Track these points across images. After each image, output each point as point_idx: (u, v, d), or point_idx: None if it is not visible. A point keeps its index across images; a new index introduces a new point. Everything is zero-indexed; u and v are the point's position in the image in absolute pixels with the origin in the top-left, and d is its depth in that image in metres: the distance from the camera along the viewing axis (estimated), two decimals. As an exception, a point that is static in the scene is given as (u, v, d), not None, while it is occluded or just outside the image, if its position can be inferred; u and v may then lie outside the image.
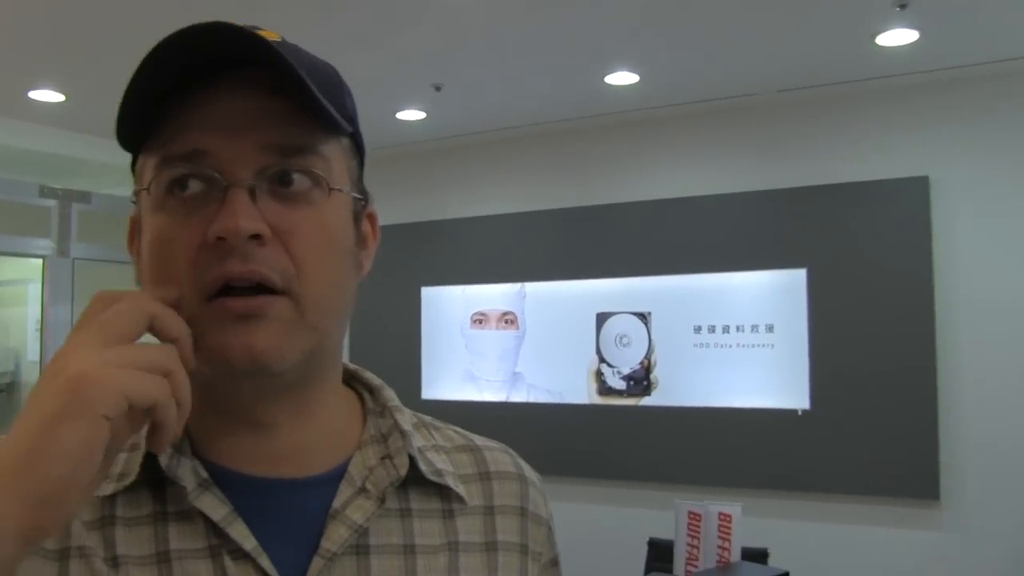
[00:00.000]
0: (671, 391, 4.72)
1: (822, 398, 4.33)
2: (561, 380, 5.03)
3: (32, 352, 6.92)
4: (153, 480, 0.68)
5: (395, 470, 0.74)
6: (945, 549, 4.10)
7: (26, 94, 4.30)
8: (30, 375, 6.53)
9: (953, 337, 4.13)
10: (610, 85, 4.27)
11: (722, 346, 4.59)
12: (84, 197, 5.45)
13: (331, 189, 0.69)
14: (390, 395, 0.80)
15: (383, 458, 0.75)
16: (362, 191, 0.75)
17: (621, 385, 4.86)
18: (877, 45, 3.73)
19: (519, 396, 5.16)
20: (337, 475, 0.73)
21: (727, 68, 4.11)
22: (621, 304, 4.88)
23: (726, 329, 4.58)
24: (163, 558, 0.67)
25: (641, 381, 4.80)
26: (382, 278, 5.60)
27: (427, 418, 0.85)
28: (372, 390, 0.81)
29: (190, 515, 0.68)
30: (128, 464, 0.69)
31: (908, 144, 4.27)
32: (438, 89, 4.32)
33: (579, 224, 5.02)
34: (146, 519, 0.68)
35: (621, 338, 4.87)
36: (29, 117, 4.64)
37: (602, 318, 4.93)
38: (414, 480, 0.75)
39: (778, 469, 4.41)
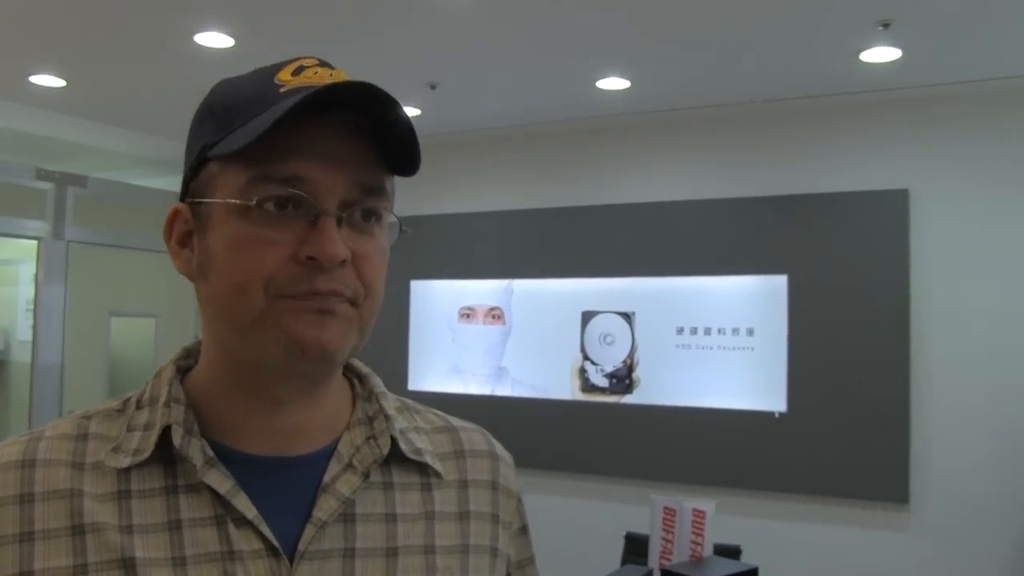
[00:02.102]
0: (652, 390, 4.82)
1: (799, 401, 4.45)
2: (545, 376, 5.13)
3: (23, 332, 6.94)
4: (165, 457, 0.78)
5: (378, 449, 0.84)
6: (913, 551, 4.23)
7: (27, 78, 4.36)
8: (19, 354, 6.56)
9: (927, 346, 4.25)
10: (601, 90, 4.36)
11: (703, 348, 4.70)
12: (80, 181, 5.50)
13: (390, 223, 0.81)
14: (377, 382, 0.90)
15: (368, 438, 0.85)
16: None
17: (604, 383, 4.97)
18: (861, 61, 3.84)
19: (504, 390, 5.25)
20: (328, 453, 0.82)
21: (716, 77, 4.21)
22: (606, 303, 4.98)
23: (707, 331, 4.69)
24: (174, 526, 0.75)
25: (623, 379, 4.91)
26: (372, 270, 5.68)
27: (410, 402, 0.95)
28: (361, 377, 0.90)
29: (198, 488, 0.77)
30: (143, 441, 0.78)
31: (889, 157, 4.39)
32: (433, 87, 4.40)
33: (567, 224, 5.12)
34: (159, 491, 0.77)
35: (605, 337, 4.98)
36: (29, 101, 4.69)
37: (587, 316, 5.03)
38: (396, 458, 0.85)
39: (755, 469, 4.53)
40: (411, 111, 4.85)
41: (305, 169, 0.75)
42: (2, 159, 5.41)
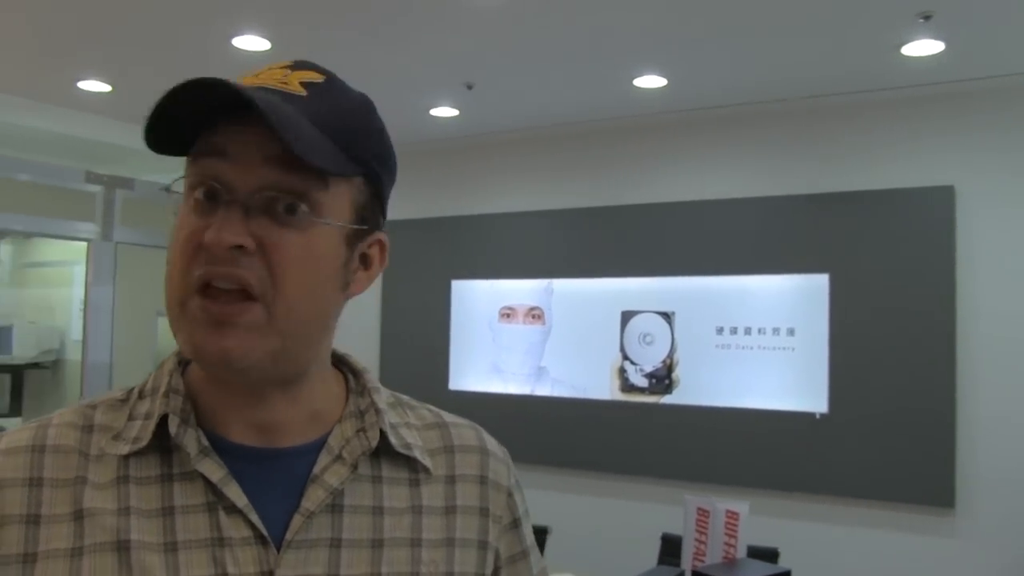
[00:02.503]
0: (692, 390, 4.78)
1: (840, 402, 4.37)
2: (585, 376, 5.12)
3: (76, 331, 7.12)
4: (162, 446, 0.80)
5: (367, 441, 0.85)
6: (958, 557, 4.13)
7: (75, 84, 4.48)
8: (74, 353, 6.74)
9: (973, 346, 4.15)
10: (639, 88, 4.34)
11: (743, 348, 4.64)
12: (127, 183, 5.62)
13: (316, 220, 0.79)
14: (370, 378, 0.92)
15: (358, 431, 0.86)
16: (365, 219, 0.84)
17: (643, 383, 4.94)
18: (903, 55, 3.76)
19: (544, 390, 5.25)
20: (319, 445, 0.84)
21: (753, 74, 4.16)
22: (645, 303, 4.95)
23: (748, 331, 4.64)
24: (168, 512, 0.78)
25: (663, 379, 4.87)
26: (414, 271, 5.72)
27: (405, 398, 0.96)
28: (355, 373, 0.92)
29: (192, 476, 0.79)
30: (142, 430, 0.81)
31: (934, 153, 4.29)
32: (470, 88, 4.42)
33: (606, 223, 5.10)
34: (155, 479, 0.79)
35: (645, 336, 4.95)
36: (78, 106, 4.82)
37: (627, 316, 5.00)
38: (386, 452, 0.86)
39: (795, 471, 4.47)
40: (448, 111, 4.88)
41: (222, 162, 0.77)
42: (54, 163, 5.56)
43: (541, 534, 3.98)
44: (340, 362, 0.93)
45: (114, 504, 0.78)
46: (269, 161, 0.76)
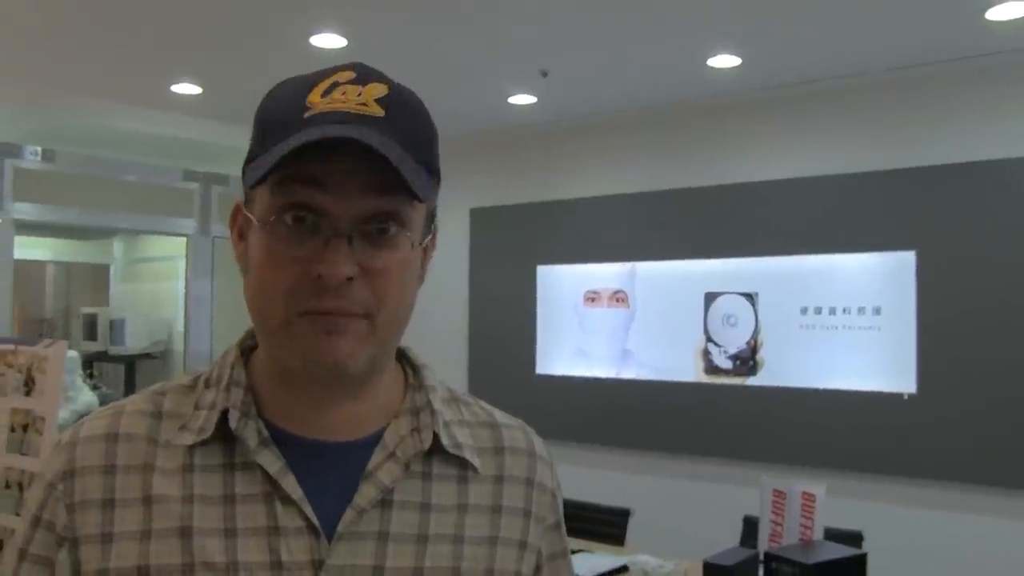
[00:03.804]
0: (777, 372, 4.72)
1: (929, 382, 4.25)
2: (669, 358, 5.10)
3: (183, 323, 7.45)
4: (226, 435, 0.85)
5: (420, 443, 0.89)
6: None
7: (169, 88, 4.70)
8: (181, 344, 7.07)
9: (1072, 322, 3.97)
10: (712, 68, 4.29)
11: (828, 328, 4.56)
12: (223, 180, 5.87)
13: (408, 238, 0.85)
14: (429, 374, 0.95)
15: (413, 430, 0.90)
16: (432, 218, 0.90)
17: (728, 364, 4.90)
18: (987, 20, 3.62)
19: (629, 373, 5.26)
20: (375, 440, 0.89)
21: (830, 49, 4.06)
22: (728, 284, 4.91)
23: (832, 311, 4.55)
24: (228, 500, 0.84)
25: (747, 361, 4.83)
26: (499, 257, 5.80)
27: (461, 394, 0.99)
28: (415, 368, 0.96)
29: (252, 467, 0.84)
30: (206, 421, 0.86)
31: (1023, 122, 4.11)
32: (545, 75, 4.45)
33: (687, 205, 5.07)
34: (218, 468, 0.85)
35: (728, 318, 4.90)
36: (172, 108, 5.05)
37: (710, 298, 4.97)
38: (438, 450, 0.90)
39: (883, 453, 4.37)
40: (526, 99, 4.92)
41: (317, 195, 0.80)
42: (153, 163, 5.84)
43: (623, 516, 4.01)
44: (401, 356, 0.96)
45: (179, 491, 0.84)
46: (366, 189, 0.80)
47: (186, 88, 4.69)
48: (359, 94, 0.83)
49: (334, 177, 0.80)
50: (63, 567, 0.84)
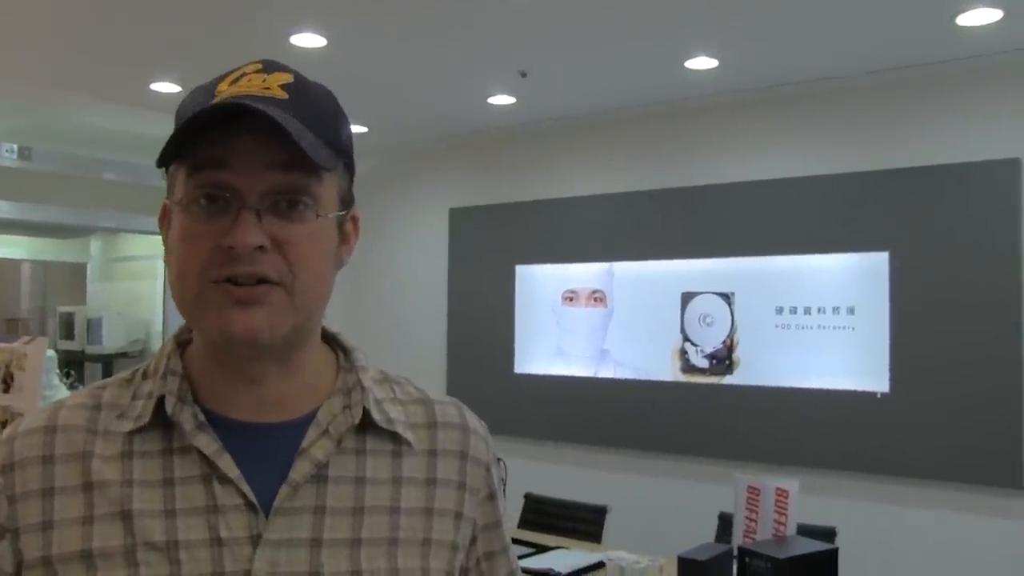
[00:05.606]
0: (752, 371, 4.78)
1: (902, 381, 4.32)
2: (646, 357, 5.15)
3: (160, 322, 7.42)
4: (164, 423, 0.89)
5: (351, 418, 0.92)
6: (1026, 537, 4.06)
7: (148, 86, 4.69)
8: (159, 343, 7.04)
9: (1040, 322, 4.05)
10: (690, 70, 4.34)
11: (803, 327, 4.62)
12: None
13: (318, 215, 0.89)
14: (359, 356, 0.99)
15: (345, 407, 0.94)
16: (347, 201, 0.94)
17: (704, 363, 4.95)
18: (959, 26, 3.68)
19: (607, 372, 5.30)
20: (308, 420, 0.92)
21: (805, 53, 4.12)
22: (705, 284, 4.96)
23: (807, 311, 4.61)
24: (168, 483, 0.87)
25: (723, 360, 4.88)
26: (478, 257, 5.83)
27: (393, 375, 1.03)
28: (346, 351, 0.99)
29: (189, 450, 0.88)
30: (143, 409, 0.89)
31: (997, 126, 4.18)
32: (523, 76, 4.48)
33: (665, 206, 5.11)
34: (156, 453, 0.88)
35: (705, 317, 4.95)
36: (151, 106, 5.02)
37: (686, 298, 5.02)
38: (372, 426, 0.94)
39: (856, 450, 4.43)
40: (505, 99, 4.95)
41: (224, 174, 0.85)
42: (133, 161, 5.82)
43: (600, 513, 4.05)
44: (332, 340, 0.99)
45: (119, 476, 0.87)
46: (271, 166, 0.84)
47: (165, 86, 4.68)
48: (263, 80, 0.88)
49: (239, 157, 0.84)
50: (5, 558, 0.87)
